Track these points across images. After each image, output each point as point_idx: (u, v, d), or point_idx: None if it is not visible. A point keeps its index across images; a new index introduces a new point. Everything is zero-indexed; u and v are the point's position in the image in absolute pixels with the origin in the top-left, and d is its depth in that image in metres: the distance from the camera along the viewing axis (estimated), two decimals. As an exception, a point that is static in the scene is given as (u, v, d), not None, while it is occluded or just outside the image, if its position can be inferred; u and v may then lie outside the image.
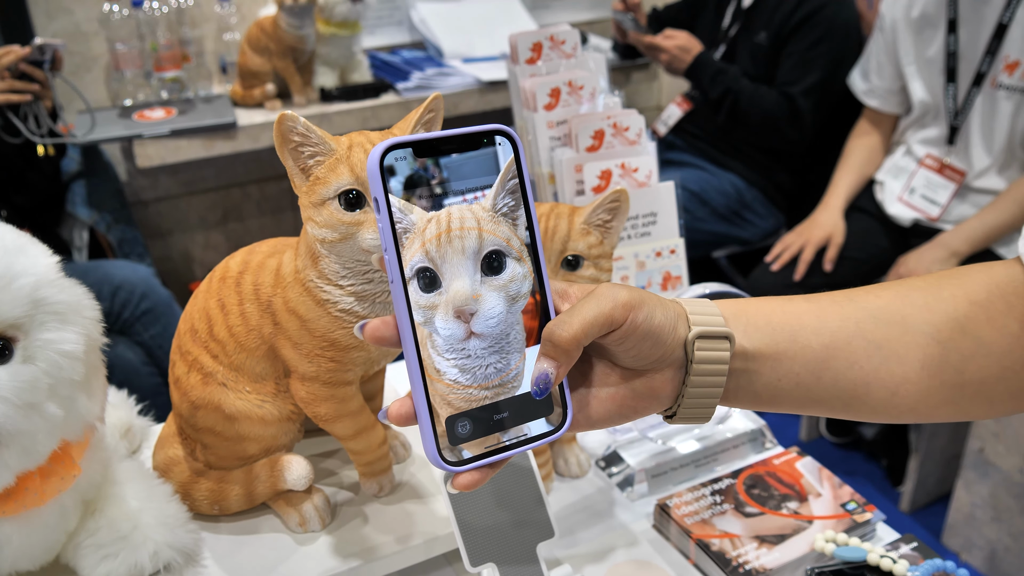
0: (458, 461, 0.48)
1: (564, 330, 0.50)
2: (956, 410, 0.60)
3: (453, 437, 0.49)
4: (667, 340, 0.54)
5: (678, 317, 0.55)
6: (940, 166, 2.03)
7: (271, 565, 0.77)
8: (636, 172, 1.05)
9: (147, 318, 1.91)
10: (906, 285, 0.61)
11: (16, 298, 0.60)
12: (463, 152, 0.49)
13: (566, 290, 0.55)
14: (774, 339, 0.58)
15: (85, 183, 2.20)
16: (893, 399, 0.59)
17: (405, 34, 2.83)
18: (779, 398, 0.59)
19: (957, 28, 1.93)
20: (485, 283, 0.50)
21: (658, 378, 0.55)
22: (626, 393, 0.55)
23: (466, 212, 0.50)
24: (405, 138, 0.47)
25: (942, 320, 0.59)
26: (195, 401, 0.78)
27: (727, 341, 0.55)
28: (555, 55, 1.16)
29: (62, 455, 0.66)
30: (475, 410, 0.50)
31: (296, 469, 0.79)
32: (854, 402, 0.59)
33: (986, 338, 0.58)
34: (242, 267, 0.77)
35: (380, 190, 0.47)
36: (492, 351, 0.50)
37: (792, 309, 0.59)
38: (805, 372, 0.58)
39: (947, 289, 0.60)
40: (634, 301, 0.53)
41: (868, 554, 0.82)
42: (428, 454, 0.48)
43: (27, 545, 0.70)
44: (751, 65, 2.34)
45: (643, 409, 0.56)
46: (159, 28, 2.32)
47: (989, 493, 1.92)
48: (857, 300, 0.60)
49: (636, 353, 0.54)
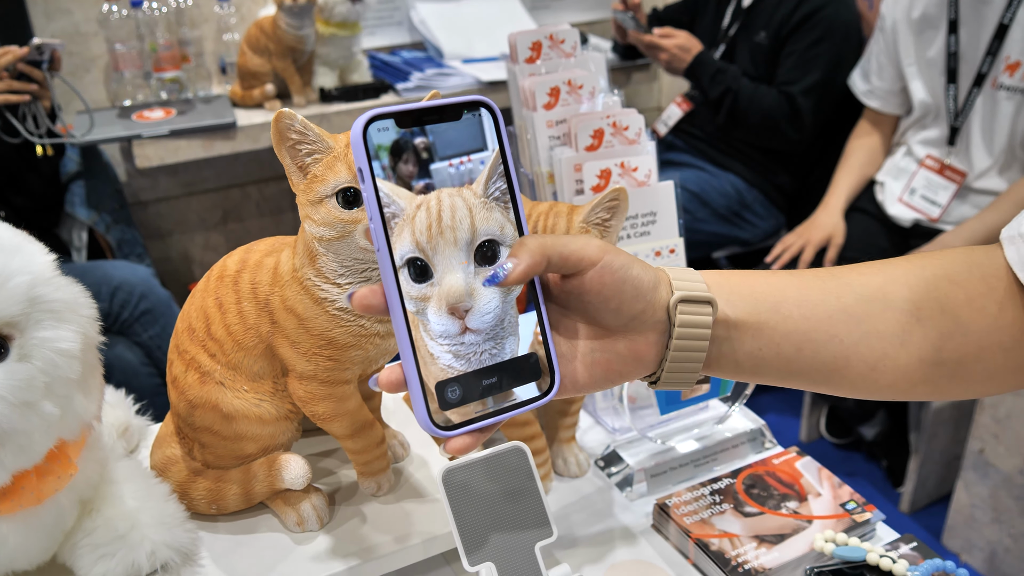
0: (449, 426, 0.49)
1: (535, 239, 0.52)
2: (933, 389, 0.61)
3: (443, 402, 0.49)
4: (647, 295, 0.55)
5: (659, 279, 0.56)
6: (941, 167, 2.02)
7: (269, 565, 0.77)
8: (636, 171, 1.05)
9: (146, 319, 1.91)
10: (889, 264, 0.63)
11: (12, 296, 0.60)
12: (444, 122, 0.49)
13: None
14: (756, 309, 0.59)
15: (84, 184, 2.20)
16: (872, 374, 0.60)
17: (405, 35, 2.83)
18: (760, 368, 0.60)
19: (958, 29, 1.93)
20: (479, 274, 0.50)
21: (641, 341, 0.56)
22: (611, 357, 0.56)
23: (457, 199, 0.50)
24: (387, 109, 0.48)
25: (922, 298, 0.60)
26: (193, 400, 0.77)
27: (709, 306, 0.56)
28: (555, 54, 1.15)
29: (59, 454, 0.66)
30: (464, 376, 0.50)
31: (294, 468, 0.78)
32: (834, 375, 0.60)
33: (964, 317, 0.60)
34: (240, 266, 0.77)
35: (364, 160, 0.47)
36: (487, 338, 0.50)
37: (775, 282, 0.61)
38: (786, 343, 0.59)
39: (928, 268, 0.61)
40: (609, 247, 0.54)
41: (868, 554, 0.81)
42: (419, 419, 0.48)
43: (23, 545, 0.69)
44: (751, 65, 2.34)
45: (627, 373, 0.57)
46: (158, 28, 2.31)
47: (989, 494, 1.92)
48: (839, 276, 0.62)
49: (617, 304, 0.54)
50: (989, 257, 0.62)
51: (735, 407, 1.04)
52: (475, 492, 0.72)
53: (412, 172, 0.49)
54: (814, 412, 2.45)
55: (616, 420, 1.07)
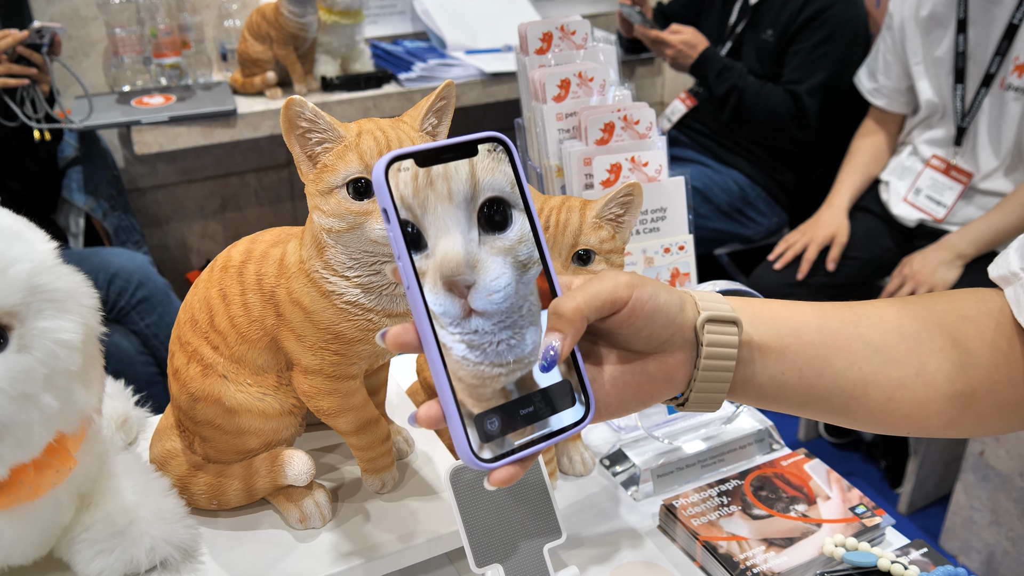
0: (491, 458, 0.48)
1: (569, 303, 0.51)
2: (948, 422, 0.63)
3: (483, 435, 0.48)
4: (675, 319, 0.56)
5: (684, 301, 0.57)
6: (947, 167, 2.01)
7: (270, 562, 0.75)
8: (646, 166, 1.03)
9: (143, 307, 1.89)
10: (900, 299, 0.66)
11: (12, 285, 0.58)
12: (460, 159, 0.49)
13: (569, 283, 0.56)
14: (778, 333, 0.60)
15: (82, 169, 2.17)
16: (890, 404, 0.61)
17: (408, 24, 2.81)
18: (782, 393, 0.61)
19: (967, 28, 1.92)
20: (485, 243, 0.49)
21: (670, 361, 0.57)
22: (641, 379, 0.56)
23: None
24: (406, 150, 0.48)
25: (935, 331, 0.62)
26: (194, 393, 0.76)
27: (735, 326, 0.57)
28: (565, 46, 1.14)
29: (58, 447, 0.64)
30: (502, 407, 0.49)
31: (297, 464, 0.77)
32: (852, 404, 0.61)
33: (976, 351, 0.62)
34: (245, 256, 0.75)
35: (388, 201, 0.47)
36: (503, 327, 0.49)
37: (795, 309, 0.62)
38: (807, 368, 0.60)
39: (939, 304, 0.64)
40: (635, 281, 0.54)
41: (879, 559, 0.80)
42: (461, 454, 0.48)
43: (20, 539, 0.67)
44: (756, 62, 2.32)
45: (658, 394, 0.58)
46: (159, 14, 2.29)
47: (988, 497, 1.91)
48: (855, 307, 0.64)
49: (648, 333, 0.55)
50: (995, 298, 0.64)
51: (743, 407, 1.02)
52: (483, 492, 0.71)
53: None
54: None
55: (622, 418, 1.05)
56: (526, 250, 0.50)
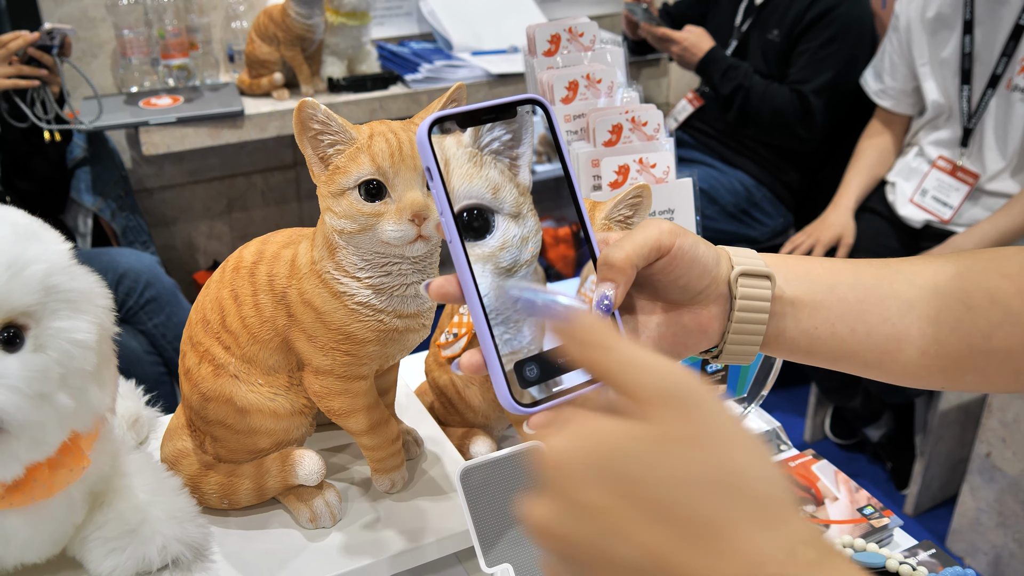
0: (531, 403, 0.50)
1: (618, 252, 0.53)
2: (983, 378, 0.62)
3: (523, 381, 0.50)
4: (711, 271, 0.57)
5: (720, 255, 0.58)
6: (953, 168, 2.01)
7: (281, 561, 0.76)
8: (654, 168, 1.04)
9: (151, 307, 1.90)
10: (941, 257, 0.64)
11: (28, 285, 0.58)
12: (500, 120, 0.52)
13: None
14: (812, 288, 0.60)
15: (90, 170, 2.18)
16: (923, 359, 0.61)
17: (414, 25, 2.81)
18: (815, 347, 0.61)
19: (973, 29, 1.91)
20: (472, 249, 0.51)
21: (704, 314, 0.58)
22: (676, 330, 0.58)
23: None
24: (448, 111, 0.51)
25: (973, 288, 0.61)
26: (206, 393, 0.76)
27: (768, 280, 0.58)
28: (573, 47, 1.14)
29: (71, 446, 0.64)
30: (540, 355, 0.51)
31: (308, 464, 0.77)
32: (885, 358, 0.61)
33: (1015, 308, 0.60)
34: (256, 257, 0.76)
35: (431, 159, 0.49)
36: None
37: (829, 265, 0.63)
38: (840, 323, 0.60)
39: (980, 263, 0.63)
40: (678, 229, 0.56)
41: (887, 560, 0.80)
42: (501, 399, 0.50)
43: (34, 537, 0.68)
44: (762, 62, 2.32)
45: (693, 346, 0.59)
46: (166, 15, 2.30)
47: (995, 498, 1.91)
48: (892, 264, 0.64)
49: (685, 282, 0.57)
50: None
51: (751, 408, 1.03)
52: (493, 492, 0.71)
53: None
54: (819, 413, 2.44)
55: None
56: (509, 256, 0.52)
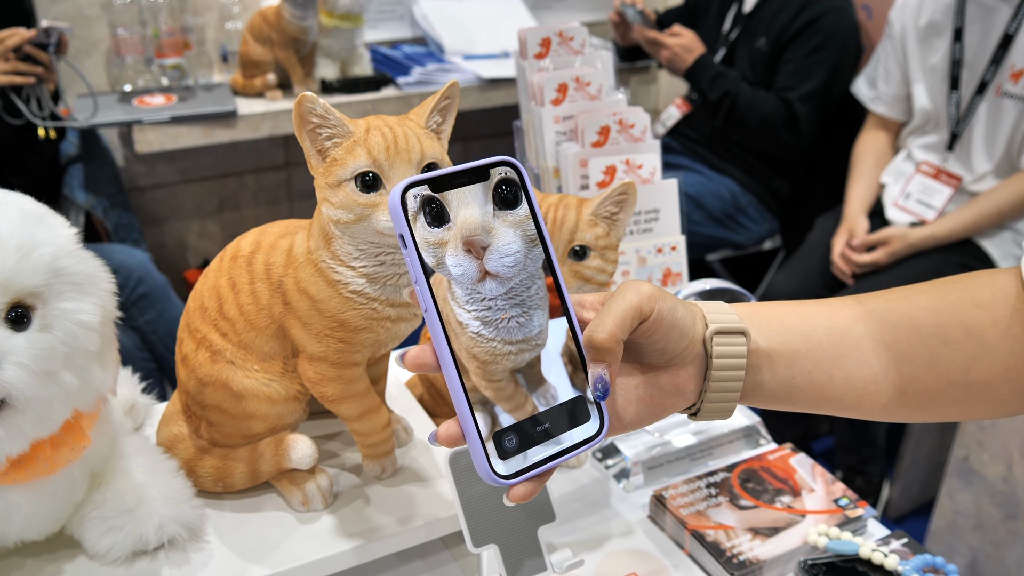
0: (510, 474, 0.50)
1: (601, 331, 0.53)
2: (963, 410, 0.63)
3: (501, 452, 0.50)
4: (688, 333, 0.57)
5: (695, 315, 0.58)
6: (936, 172, 2.05)
7: (273, 543, 0.78)
8: (640, 168, 1.07)
9: (143, 303, 1.91)
10: (914, 289, 0.64)
11: (36, 267, 0.61)
12: (473, 183, 0.51)
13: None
14: (787, 338, 0.60)
15: (82, 167, 2.19)
16: (902, 397, 0.61)
17: (407, 29, 2.84)
18: (794, 396, 0.61)
19: (963, 37, 1.96)
20: (498, 217, 0.51)
21: (681, 375, 0.58)
22: (654, 392, 0.58)
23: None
24: (420, 176, 0.49)
25: (949, 322, 0.61)
26: (203, 378, 0.78)
27: (743, 336, 0.58)
28: (563, 51, 1.17)
29: (74, 425, 0.67)
30: (519, 424, 0.51)
31: (301, 448, 0.79)
32: (865, 400, 0.61)
33: (991, 340, 0.61)
34: (254, 247, 0.78)
35: (404, 226, 0.49)
36: (513, 304, 0.51)
37: (803, 311, 0.62)
38: (817, 370, 0.60)
39: (953, 293, 0.63)
40: (656, 293, 0.56)
41: (860, 548, 0.83)
42: (480, 471, 0.50)
43: (34, 514, 0.70)
44: (750, 70, 2.36)
45: (670, 406, 0.59)
46: (161, 15, 2.32)
47: (972, 501, 1.94)
48: (866, 303, 0.63)
49: (663, 345, 0.56)
50: (1012, 282, 0.62)
51: (731, 403, 1.05)
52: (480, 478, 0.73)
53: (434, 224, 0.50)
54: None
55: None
56: (533, 227, 0.52)
